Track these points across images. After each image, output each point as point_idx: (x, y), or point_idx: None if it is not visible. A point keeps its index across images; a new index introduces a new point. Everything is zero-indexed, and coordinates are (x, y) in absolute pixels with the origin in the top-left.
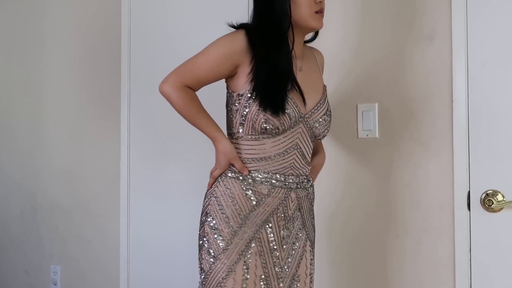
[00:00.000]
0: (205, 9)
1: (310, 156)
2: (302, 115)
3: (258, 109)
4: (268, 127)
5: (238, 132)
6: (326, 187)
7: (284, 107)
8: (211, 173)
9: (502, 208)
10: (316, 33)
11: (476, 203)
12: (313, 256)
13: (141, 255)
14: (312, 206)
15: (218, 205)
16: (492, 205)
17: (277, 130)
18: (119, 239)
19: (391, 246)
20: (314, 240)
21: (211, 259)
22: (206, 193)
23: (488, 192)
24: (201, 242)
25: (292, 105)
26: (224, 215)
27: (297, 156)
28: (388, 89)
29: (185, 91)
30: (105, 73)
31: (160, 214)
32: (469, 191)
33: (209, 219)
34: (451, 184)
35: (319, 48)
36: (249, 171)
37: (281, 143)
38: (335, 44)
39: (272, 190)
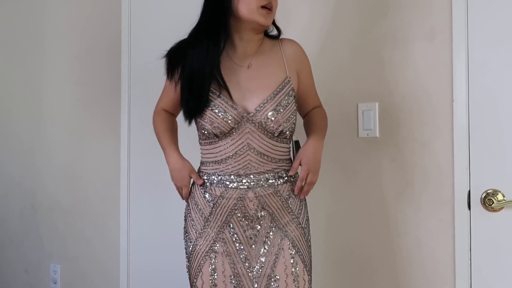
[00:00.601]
0: None
1: (275, 153)
2: (245, 115)
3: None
4: (206, 133)
5: (199, 138)
6: (326, 186)
7: (197, 111)
8: None
9: (502, 208)
10: (278, 30)
11: (477, 202)
12: (300, 255)
13: (141, 253)
14: (289, 203)
15: (187, 209)
16: (493, 205)
17: (214, 134)
18: (119, 238)
19: (391, 245)
20: (299, 238)
21: (186, 261)
22: None
23: (488, 191)
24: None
25: (226, 107)
26: (191, 219)
27: (252, 156)
28: (388, 88)
29: (159, 113)
30: (105, 71)
31: (160, 213)
32: (469, 191)
33: (184, 224)
34: (452, 183)
35: (320, 47)
36: (206, 178)
37: (231, 145)
38: (336, 43)
39: (225, 192)
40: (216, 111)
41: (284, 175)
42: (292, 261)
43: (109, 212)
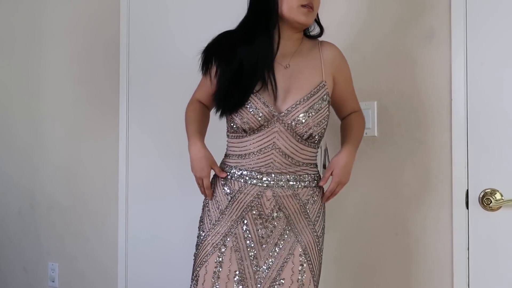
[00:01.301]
0: (204, 5)
1: (301, 156)
2: (276, 114)
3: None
4: (234, 127)
5: (227, 131)
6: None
7: (236, 106)
8: None
9: (500, 207)
10: (321, 28)
11: (475, 201)
12: (309, 263)
13: (139, 252)
14: (307, 208)
15: (206, 199)
16: (491, 204)
17: (242, 129)
18: (117, 236)
19: (389, 244)
20: (312, 246)
21: (195, 249)
22: None
23: (486, 190)
24: None
25: (258, 104)
26: (207, 209)
27: (275, 156)
28: (387, 88)
29: (193, 103)
30: (104, 71)
31: (158, 212)
32: (467, 190)
33: (201, 213)
34: (450, 182)
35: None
36: (227, 171)
37: (257, 141)
38: (335, 42)
39: (244, 187)
40: (248, 107)
41: (306, 179)
42: (300, 268)
43: (107, 210)
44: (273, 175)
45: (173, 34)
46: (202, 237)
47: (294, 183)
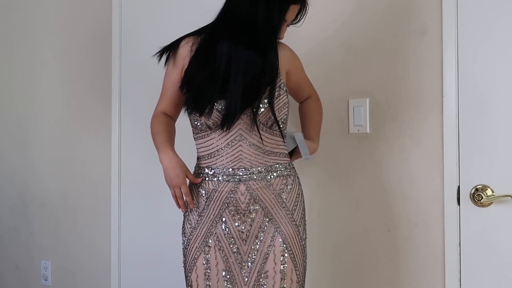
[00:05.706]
0: (196, 2)
1: (268, 145)
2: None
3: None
4: (199, 125)
5: (193, 134)
6: (317, 181)
7: (209, 107)
8: None
9: (491, 203)
10: None
11: (466, 197)
12: (291, 253)
13: (133, 250)
14: (283, 198)
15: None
16: (482, 200)
17: (207, 126)
18: (110, 234)
19: (381, 240)
20: (293, 236)
21: (182, 256)
22: None
23: (477, 186)
24: None
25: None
26: (187, 214)
27: (243, 147)
28: (379, 84)
29: (158, 116)
30: (96, 67)
31: (151, 209)
32: (459, 186)
33: (183, 218)
34: (441, 178)
35: (311, 43)
36: (200, 173)
37: (223, 136)
38: (327, 39)
39: (218, 185)
40: (216, 106)
41: (277, 169)
42: (281, 259)
43: (100, 208)
44: (243, 169)
45: (166, 30)
46: (185, 243)
47: (266, 173)
